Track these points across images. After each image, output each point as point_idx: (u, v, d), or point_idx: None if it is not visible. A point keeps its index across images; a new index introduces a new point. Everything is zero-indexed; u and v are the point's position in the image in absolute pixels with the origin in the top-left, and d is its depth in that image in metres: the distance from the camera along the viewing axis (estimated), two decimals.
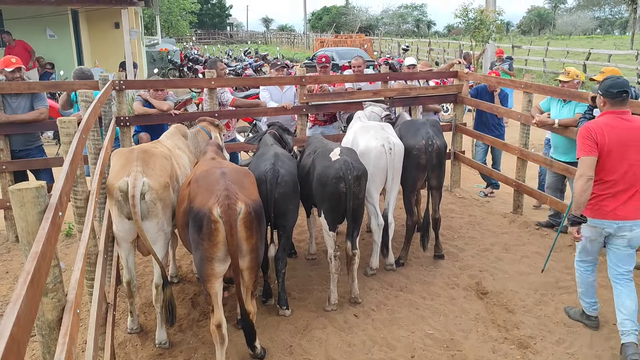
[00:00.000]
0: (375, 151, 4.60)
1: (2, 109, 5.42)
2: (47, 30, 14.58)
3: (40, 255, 1.64)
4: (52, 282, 2.08)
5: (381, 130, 4.79)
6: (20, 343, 1.29)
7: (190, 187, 3.45)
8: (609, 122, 3.59)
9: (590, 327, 3.97)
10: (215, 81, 6.29)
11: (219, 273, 3.35)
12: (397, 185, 4.83)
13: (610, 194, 3.59)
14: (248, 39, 57.21)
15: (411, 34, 55.21)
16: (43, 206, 2.02)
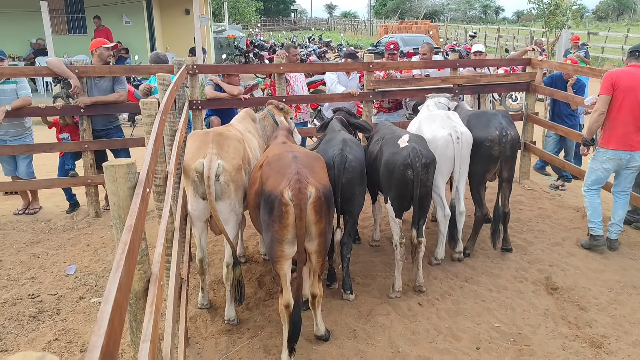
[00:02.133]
0: (443, 140, 4.51)
1: (86, 92, 5.72)
2: (123, 16, 15.22)
3: (134, 228, 1.74)
4: (140, 254, 2.20)
5: (447, 119, 4.69)
6: (122, 308, 1.39)
7: (262, 169, 3.53)
8: (627, 70, 4.85)
9: (598, 247, 5.00)
10: (284, 66, 6.37)
11: (288, 255, 3.41)
12: (465, 174, 4.72)
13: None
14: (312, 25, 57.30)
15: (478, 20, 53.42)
16: (133, 182, 2.13)
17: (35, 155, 6.07)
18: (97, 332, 1.17)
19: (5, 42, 14.20)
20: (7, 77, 5.65)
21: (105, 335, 1.16)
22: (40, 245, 5.21)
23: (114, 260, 1.50)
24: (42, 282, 4.52)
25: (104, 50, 5.82)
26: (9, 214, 5.97)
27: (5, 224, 5.68)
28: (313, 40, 27.70)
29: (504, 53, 19.78)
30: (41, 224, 5.73)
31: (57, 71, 5.50)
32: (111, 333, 1.21)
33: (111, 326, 1.22)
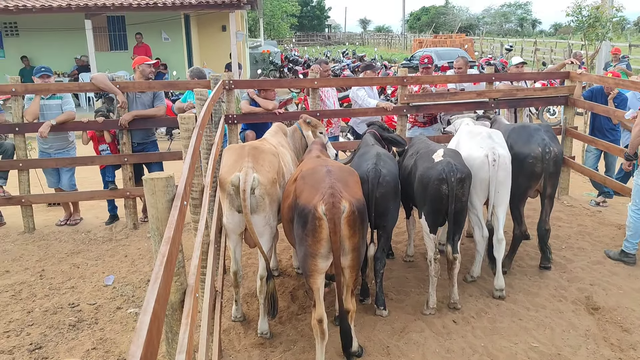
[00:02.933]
0: (478, 161, 4.34)
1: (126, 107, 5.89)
2: (162, 33, 15.66)
3: (172, 240, 1.77)
4: (177, 266, 2.24)
5: (488, 139, 4.46)
6: (160, 319, 1.41)
7: (297, 183, 3.55)
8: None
9: (628, 264, 4.96)
10: (318, 81, 6.42)
11: (322, 269, 3.41)
12: (504, 199, 4.44)
13: None
14: (345, 40, 57.66)
15: (514, 34, 52.71)
16: (171, 195, 2.18)
17: (77, 167, 6.27)
18: (136, 342, 1.19)
19: (52, 59, 14.79)
20: (53, 92, 5.88)
21: (144, 345, 1.19)
22: (81, 256, 5.36)
23: (153, 271, 1.53)
24: (82, 291, 4.64)
25: (146, 67, 6.00)
26: (52, 224, 6.17)
27: (48, 235, 5.87)
28: (347, 54, 27.88)
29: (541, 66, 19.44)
30: (81, 234, 5.90)
31: (102, 87, 5.69)
32: (149, 343, 1.23)
33: (149, 337, 1.24)
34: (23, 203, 5.85)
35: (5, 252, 5.43)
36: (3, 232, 5.98)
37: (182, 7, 13.89)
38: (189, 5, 13.75)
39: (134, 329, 4.06)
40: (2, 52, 15.57)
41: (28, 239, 5.76)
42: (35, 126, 5.70)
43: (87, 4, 13.09)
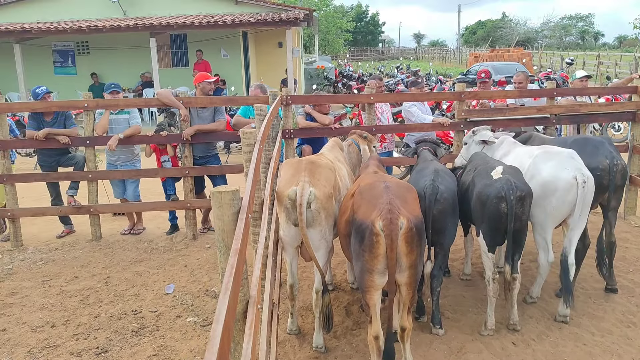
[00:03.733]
0: (565, 183, 4.08)
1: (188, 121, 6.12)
2: (222, 50, 16.18)
3: (239, 252, 1.84)
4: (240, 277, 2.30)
5: (571, 159, 4.21)
6: (230, 329, 1.47)
7: (354, 198, 3.57)
8: None
9: None
10: (374, 97, 6.45)
11: (379, 285, 3.40)
12: (584, 222, 4.24)
13: None
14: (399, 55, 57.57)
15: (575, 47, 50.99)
16: (237, 208, 2.26)
17: (141, 179, 6.54)
18: (210, 349, 1.25)
19: (118, 75, 15.56)
20: (121, 108, 6.19)
21: (217, 354, 1.24)
22: (143, 264, 5.57)
23: (223, 282, 1.59)
24: (144, 299, 4.82)
25: (206, 84, 6.22)
26: (117, 233, 6.45)
27: (114, 243, 6.14)
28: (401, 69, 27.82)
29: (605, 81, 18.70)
30: (144, 244, 6.14)
31: (167, 102, 5.95)
32: (222, 352, 1.28)
33: (222, 345, 1.29)
34: (91, 212, 6.16)
35: (75, 259, 5.73)
36: (73, 239, 6.31)
37: (241, 25, 14.32)
38: (247, 23, 14.15)
39: (192, 337, 4.19)
40: (74, 69, 16.52)
41: (95, 247, 6.04)
42: (105, 139, 6.01)
43: (152, 23, 13.71)
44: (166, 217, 6.67)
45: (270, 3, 18.20)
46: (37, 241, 6.25)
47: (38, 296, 4.89)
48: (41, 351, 4.02)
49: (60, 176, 6.29)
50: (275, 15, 14.79)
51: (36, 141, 5.97)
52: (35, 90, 6.21)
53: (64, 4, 16.03)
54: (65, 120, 6.14)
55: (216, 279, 5.19)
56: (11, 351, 4.02)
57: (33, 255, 5.85)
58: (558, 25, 58.41)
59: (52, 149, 6.15)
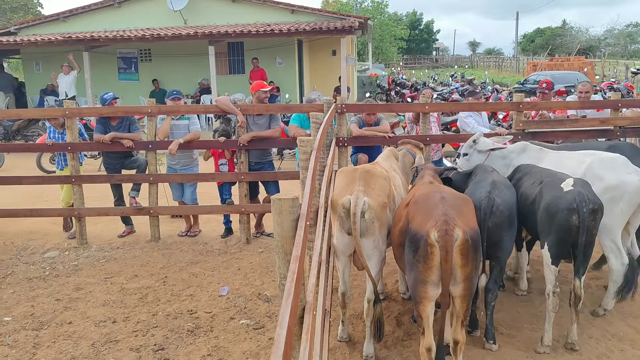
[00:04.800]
0: (633, 186, 4.22)
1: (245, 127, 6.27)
2: (277, 58, 16.47)
3: (300, 258, 1.88)
4: None
5: (627, 164, 4.39)
6: (292, 333, 1.51)
7: (409, 208, 3.57)
8: None
9: None
10: (430, 106, 6.40)
11: (432, 297, 3.38)
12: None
13: None
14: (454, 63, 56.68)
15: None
16: (296, 215, 2.31)
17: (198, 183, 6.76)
18: (275, 353, 1.29)
19: (178, 81, 16.10)
20: (182, 114, 6.42)
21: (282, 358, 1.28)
22: (199, 266, 5.74)
23: (285, 287, 1.64)
24: (199, 300, 4.96)
25: (262, 93, 6.37)
26: (174, 234, 6.68)
27: (171, 244, 6.36)
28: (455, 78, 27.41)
29: None
30: (200, 246, 6.32)
31: (225, 109, 6.13)
32: (286, 356, 1.33)
33: (286, 349, 1.33)
34: (151, 214, 6.41)
35: (135, 258, 5.97)
36: (133, 239, 6.58)
37: (297, 34, 14.53)
38: (303, 32, 14.35)
39: (245, 339, 4.28)
40: (137, 75, 17.24)
41: (154, 247, 6.28)
42: (166, 144, 6.25)
43: (212, 32, 14.14)
44: (221, 220, 6.84)
45: (325, 12, 18.40)
46: (101, 240, 6.55)
47: (101, 292, 5.13)
48: (103, 345, 4.21)
49: (123, 178, 6.59)
50: (330, 23, 14.93)
51: (103, 144, 6.28)
52: (103, 96, 6.54)
53: (129, 14, 16.80)
54: (129, 124, 6.43)
55: (268, 283, 5.28)
56: (76, 343, 4.24)
57: (96, 253, 6.14)
58: (623, 32, 55.85)
59: (116, 152, 6.45)
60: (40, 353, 4.11)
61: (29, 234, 6.77)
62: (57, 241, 6.52)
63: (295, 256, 1.88)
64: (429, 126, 6.52)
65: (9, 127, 12.67)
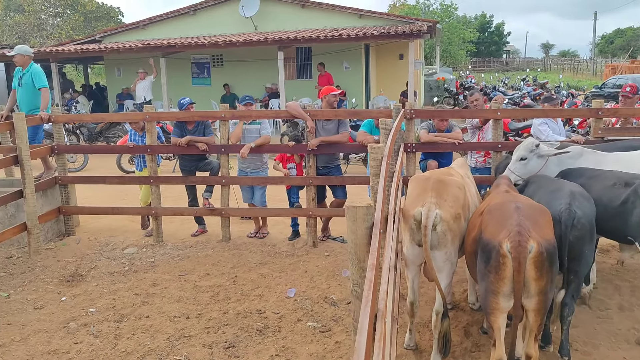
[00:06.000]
0: None
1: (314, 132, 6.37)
2: (344, 63, 16.57)
3: (376, 266, 1.92)
4: None
5: None
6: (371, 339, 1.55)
7: (483, 217, 3.51)
8: None
9: None
10: (502, 112, 6.24)
11: (504, 308, 3.31)
12: None
13: None
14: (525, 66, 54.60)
15: None
16: (370, 222, 2.35)
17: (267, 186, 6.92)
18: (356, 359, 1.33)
19: (247, 86, 16.58)
20: (254, 118, 6.62)
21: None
22: (267, 267, 5.88)
23: (363, 295, 1.68)
24: (267, 300, 5.09)
25: (332, 97, 6.45)
26: (244, 236, 6.88)
27: (241, 245, 6.56)
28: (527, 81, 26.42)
29: None
30: (268, 247, 6.48)
31: (295, 114, 6.26)
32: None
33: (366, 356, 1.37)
34: (223, 215, 6.64)
35: (207, 257, 6.21)
36: (205, 238, 6.84)
37: (364, 38, 14.56)
38: (371, 36, 14.36)
39: (312, 341, 4.35)
40: (209, 80, 17.90)
41: (225, 247, 6.50)
42: (238, 148, 6.45)
43: (281, 38, 14.44)
44: (288, 223, 6.98)
45: (393, 16, 18.34)
46: (175, 238, 6.86)
47: (175, 289, 5.37)
48: (178, 340, 4.42)
49: (197, 180, 6.87)
50: (398, 27, 14.86)
51: (179, 147, 6.59)
52: (180, 102, 6.85)
53: (202, 21, 17.49)
54: (204, 128, 6.69)
55: (335, 286, 5.34)
56: (153, 337, 4.47)
57: (171, 250, 6.44)
58: None
59: (192, 155, 6.74)
60: (121, 344, 4.37)
61: (110, 230, 7.19)
62: (136, 238, 6.88)
63: (372, 264, 1.91)
64: (500, 132, 6.36)
65: (93, 129, 13.51)
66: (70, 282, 5.61)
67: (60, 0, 35.37)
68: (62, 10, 36.49)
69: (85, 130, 13.62)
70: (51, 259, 6.22)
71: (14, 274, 5.81)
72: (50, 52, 16.17)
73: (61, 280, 5.65)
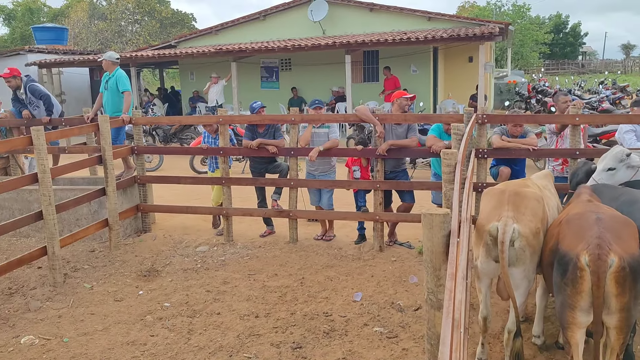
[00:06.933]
0: None
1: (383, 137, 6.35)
2: (411, 66, 16.41)
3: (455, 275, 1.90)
4: None
5: None
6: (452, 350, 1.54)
7: (561, 226, 3.38)
8: None
9: None
10: (581, 118, 5.97)
11: (581, 323, 3.17)
12: None
13: None
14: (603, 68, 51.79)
15: None
16: (447, 230, 2.33)
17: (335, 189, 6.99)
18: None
19: (313, 90, 16.77)
20: (323, 122, 6.70)
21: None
22: (333, 270, 5.93)
23: (444, 306, 1.68)
24: (334, 303, 5.13)
25: (404, 100, 6.43)
26: (310, 238, 6.97)
27: (307, 247, 6.65)
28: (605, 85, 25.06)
29: None
30: (334, 250, 6.53)
31: (364, 118, 6.29)
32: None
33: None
34: (290, 216, 6.76)
35: (275, 257, 6.34)
36: (273, 239, 6.99)
37: (434, 41, 14.35)
38: (440, 39, 14.13)
39: (379, 347, 4.35)
40: (277, 83, 18.26)
41: (292, 248, 6.61)
42: (307, 151, 6.56)
43: (349, 41, 14.50)
44: (354, 226, 7.00)
45: (463, 18, 17.97)
46: (244, 238, 7.05)
47: (245, 288, 5.52)
48: (247, 338, 4.54)
49: (267, 182, 7.03)
50: (468, 30, 14.52)
51: (250, 149, 6.78)
52: (252, 105, 7.05)
53: (272, 26, 17.88)
54: (274, 131, 6.85)
55: (402, 292, 5.31)
56: (224, 333, 4.62)
57: (241, 250, 6.63)
58: None
59: (262, 157, 6.91)
60: (194, 339, 4.55)
61: (183, 228, 7.50)
62: (207, 237, 7.14)
63: (451, 273, 1.90)
64: (578, 139, 6.09)
65: (167, 130, 14.14)
66: (146, 276, 5.90)
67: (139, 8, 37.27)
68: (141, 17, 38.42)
69: (160, 131, 14.28)
70: (129, 254, 6.57)
71: (97, 267, 6.19)
72: (130, 57, 17.05)
73: (138, 274, 5.95)
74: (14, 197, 7.03)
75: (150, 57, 17.47)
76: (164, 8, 38.46)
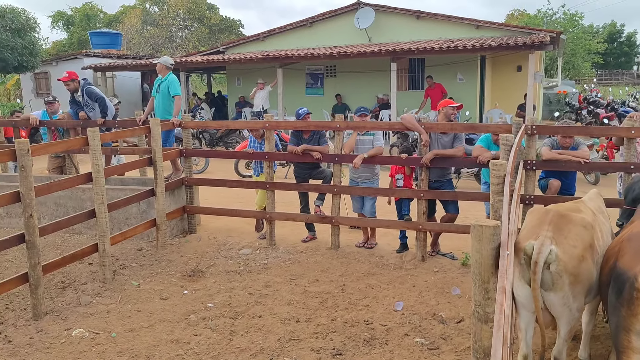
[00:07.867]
0: None
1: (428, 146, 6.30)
2: (458, 74, 16.21)
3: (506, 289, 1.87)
4: (492, 312, 2.33)
5: None
6: None
7: (621, 244, 3.26)
8: None
9: None
10: (636, 130, 5.74)
11: (638, 348, 3.03)
12: None
13: None
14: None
15: None
16: (496, 243, 2.29)
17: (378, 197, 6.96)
18: None
19: (357, 97, 16.80)
20: (367, 129, 6.69)
21: None
22: (374, 278, 5.90)
23: (494, 319, 1.65)
24: (375, 311, 5.11)
25: (450, 109, 6.36)
26: (352, 245, 6.96)
27: (349, 254, 6.64)
28: None
29: None
30: (376, 258, 6.50)
31: (410, 126, 6.25)
32: None
33: None
34: (333, 223, 6.78)
35: (316, 263, 6.37)
36: (315, 245, 7.02)
37: (481, 49, 14.13)
38: (488, 48, 13.90)
39: (419, 358, 4.30)
40: (322, 90, 18.38)
41: (333, 255, 6.62)
42: (351, 158, 6.56)
43: (395, 49, 14.45)
44: (396, 235, 6.95)
45: (512, 26, 17.62)
46: (286, 242, 7.11)
47: (286, 292, 5.57)
48: (288, 342, 4.57)
49: (310, 187, 7.08)
50: (517, 38, 14.23)
51: (295, 155, 6.84)
52: (298, 111, 7.12)
53: (318, 33, 18.03)
54: (319, 138, 6.89)
55: (444, 304, 5.23)
56: (265, 336, 4.66)
57: (283, 254, 6.68)
58: None
59: (306, 163, 6.96)
60: (236, 340, 4.61)
61: (227, 231, 7.63)
62: (250, 240, 7.23)
63: (501, 287, 1.87)
64: (633, 153, 5.87)
65: (214, 134, 14.44)
66: (191, 277, 6.03)
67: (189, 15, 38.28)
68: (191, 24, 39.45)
69: (207, 135, 14.59)
70: (175, 254, 6.73)
71: (144, 265, 6.37)
72: (180, 62, 17.52)
73: (183, 274, 6.09)
74: (68, 195, 7.33)
75: (199, 63, 17.90)
76: (213, 15, 39.36)
